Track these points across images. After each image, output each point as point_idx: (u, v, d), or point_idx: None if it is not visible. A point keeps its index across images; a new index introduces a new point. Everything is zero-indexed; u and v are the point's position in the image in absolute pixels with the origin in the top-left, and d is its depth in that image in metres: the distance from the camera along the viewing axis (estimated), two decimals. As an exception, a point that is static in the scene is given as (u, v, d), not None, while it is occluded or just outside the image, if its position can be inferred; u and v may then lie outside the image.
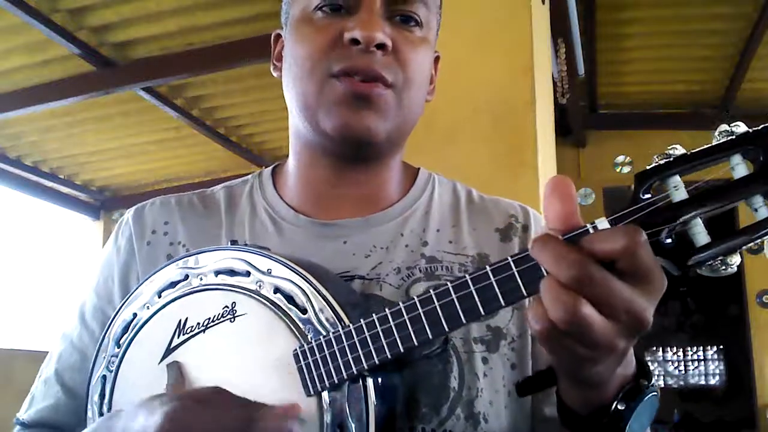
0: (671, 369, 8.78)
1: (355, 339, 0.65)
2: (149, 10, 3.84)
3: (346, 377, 0.66)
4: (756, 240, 0.54)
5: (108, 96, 4.58)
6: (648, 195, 0.56)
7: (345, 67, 0.79)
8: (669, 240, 0.56)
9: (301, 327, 0.69)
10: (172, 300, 0.78)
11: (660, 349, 8.80)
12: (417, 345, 0.63)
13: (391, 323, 0.64)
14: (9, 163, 5.64)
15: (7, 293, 6.24)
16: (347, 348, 0.65)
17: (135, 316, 0.80)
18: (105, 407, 0.79)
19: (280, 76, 0.91)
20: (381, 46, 0.79)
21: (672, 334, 8.70)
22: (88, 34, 3.99)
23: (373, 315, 0.65)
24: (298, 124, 0.88)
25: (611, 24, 4.44)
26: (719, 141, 0.55)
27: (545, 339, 0.56)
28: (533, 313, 0.55)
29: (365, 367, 0.65)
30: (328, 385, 0.66)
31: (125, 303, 0.82)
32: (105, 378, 0.80)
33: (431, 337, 0.62)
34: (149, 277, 0.81)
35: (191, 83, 4.74)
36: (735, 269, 0.55)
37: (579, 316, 0.52)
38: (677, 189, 0.55)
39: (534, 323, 0.55)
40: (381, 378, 0.67)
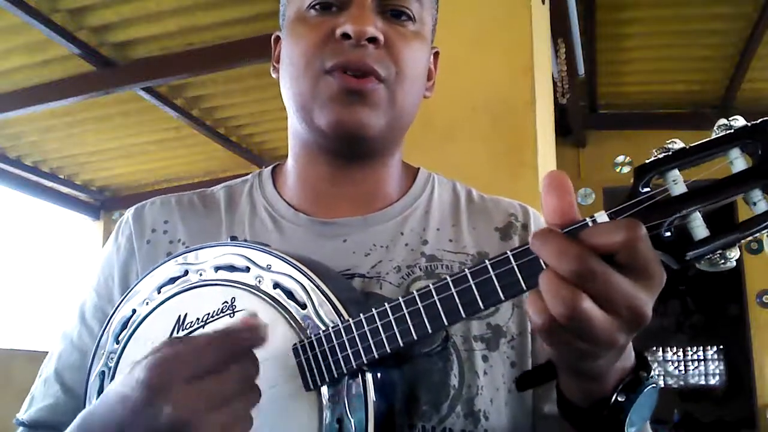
0: (671, 369, 8.77)
1: (355, 333, 0.65)
2: (149, 10, 3.84)
3: (345, 372, 0.66)
4: (755, 234, 0.54)
5: (108, 96, 4.59)
6: (647, 189, 0.56)
7: (337, 63, 0.79)
8: (668, 234, 0.56)
9: (301, 322, 0.69)
10: (171, 296, 0.78)
11: (660, 349, 8.79)
12: (416, 339, 0.63)
13: (391, 317, 0.64)
14: (9, 163, 5.65)
15: (7, 293, 6.25)
16: (347, 342, 0.65)
17: (134, 312, 0.80)
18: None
19: (277, 77, 0.91)
20: (372, 39, 0.79)
21: (672, 334, 8.70)
22: (88, 34, 3.99)
23: (373, 310, 0.65)
24: (295, 123, 0.89)
25: (611, 24, 4.44)
26: (718, 135, 0.55)
27: (546, 333, 0.56)
28: (533, 308, 0.55)
29: (365, 362, 0.65)
30: (327, 380, 0.66)
31: (124, 299, 0.81)
32: (104, 374, 0.79)
33: (431, 332, 0.62)
34: (149, 273, 0.81)
35: (191, 83, 4.74)
36: (734, 263, 0.55)
37: (579, 311, 0.52)
38: (676, 183, 0.55)
39: (534, 317, 0.55)
40: (380, 373, 0.67)
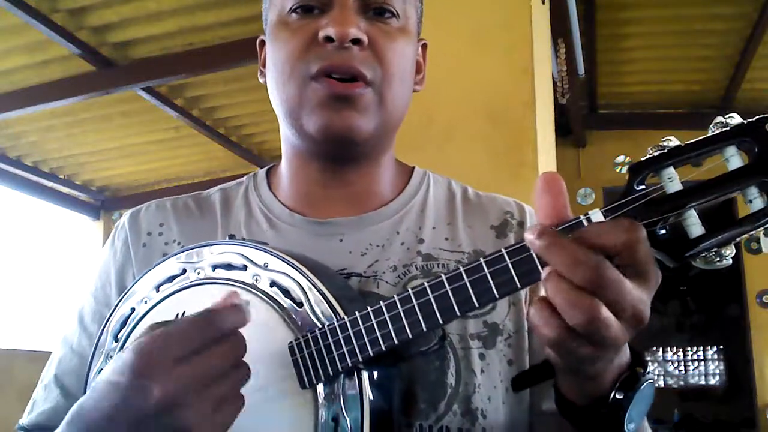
0: (671, 369, 8.77)
1: (350, 331, 0.65)
2: (149, 10, 3.84)
3: (340, 369, 0.66)
4: (751, 231, 0.54)
5: (108, 96, 4.59)
6: (642, 186, 0.56)
7: (322, 67, 0.79)
8: (663, 231, 0.56)
9: (297, 320, 0.69)
10: (169, 294, 0.78)
11: (660, 349, 8.78)
12: (412, 337, 0.63)
13: (386, 315, 0.64)
14: (9, 163, 5.65)
15: (7, 293, 6.25)
16: (342, 340, 0.66)
17: (133, 310, 0.80)
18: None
19: (264, 82, 0.90)
20: (356, 41, 0.78)
21: (672, 334, 8.69)
22: (88, 34, 3.99)
23: (368, 307, 0.65)
24: (285, 129, 0.89)
25: (611, 24, 4.44)
26: (714, 132, 0.55)
27: (556, 345, 0.55)
28: (543, 320, 0.54)
29: (360, 360, 0.65)
30: (323, 378, 0.66)
31: (123, 298, 0.82)
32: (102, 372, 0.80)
33: (426, 330, 0.62)
34: (148, 272, 0.81)
35: (191, 83, 4.75)
36: (730, 261, 0.55)
37: (599, 319, 0.52)
38: (671, 180, 0.55)
39: (547, 331, 0.54)
40: (376, 372, 0.67)
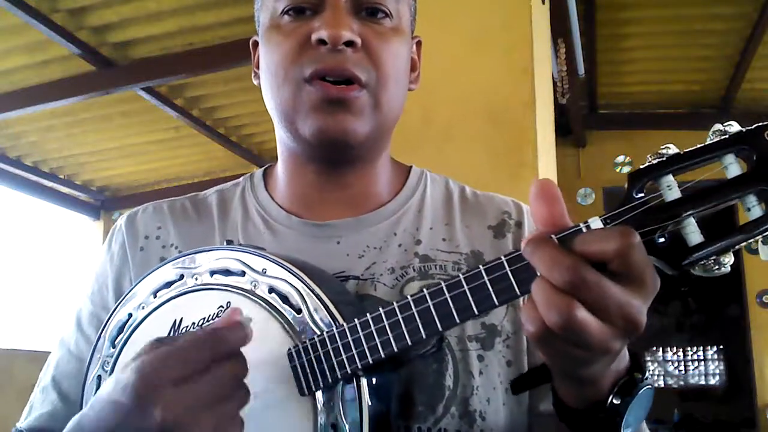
0: (671, 369, 8.77)
1: (349, 338, 0.65)
2: (149, 10, 3.84)
3: (339, 377, 0.65)
4: (749, 239, 0.53)
5: (108, 96, 4.59)
6: (641, 194, 0.56)
7: (316, 70, 0.78)
8: (662, 239, 0.56)
9: (296, 327, 0.69)
10: (167, 300, 0.78)
11: (660, 349, 8.79)
12: (411, 344, 0.63)
13: (385, 323, 0.64)
14: (9, 163, 5.65)
15: (8, 293, 6.25)
16: (341, 347, 0.65)
17: (130, 316, 0.80)
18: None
19: (259, 84, 0.90)
20: (350, 43, 0.78)
21: (672, 334, 8.69)
22: (88, 34, 3.99)
23: (367, 314, 0.65)
24: (280, 131, 0.88)
25: (611, 24, 4.44)
26: (712, 140, 0.55)
27: (540, 342, 0.56)
28: (527, 317, 0.55)
29: (359, 367, 0.65)
30: (321, 385, 0.66)
31: (120, 303, 0.81)
32: (100, 378, 0.79)
33: (425, 337, 0.62)
34: (145, 277, 0.81)
35: (191, 83, 4.75)
36: (728, 269, 0.55)
37: (573, 320, 0.52)
38: (670, 188, 0.55)
39: (528, 327, 0.55)
40: (375, 378, 0.67)
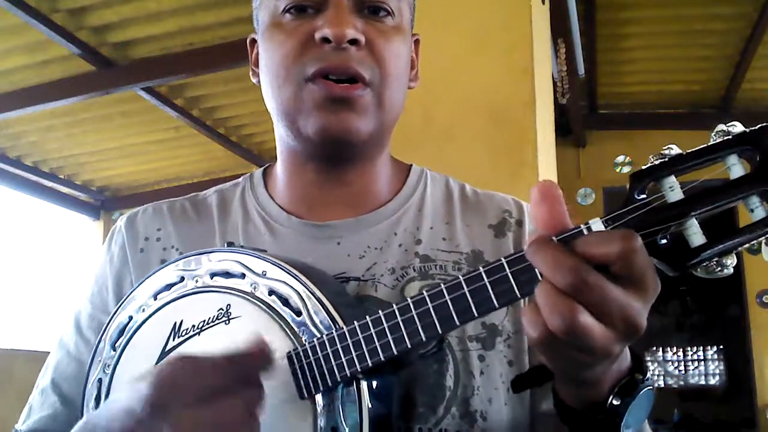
0: (671, 369, 8.77)
1: (349, 341, 0.65)
2: (149, 10, 3.84)
3: (339, 380, 0.65)
4: (752, 241, 0.53)
5: (108, 96, 4.59)
6: (643, 195, 0.55)
7: (319, 69, 0.78)
8: (664, 241, 0.55)
9: (296, 329, 0.69)
10: (167, 302, 0.77)
11: (660, 349, 8.79)
12: (410, 347, 0.62)
13: (385, 325, 0.63)
14: (9, 163, 5.65)
15: (8, 293, 6.25)
16: (341, 350, 0.65)
17: (131, 319, 0.79)
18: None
19: (259, 82, 0.90)
20: (353, 41, 0.78)
21: (672, 334, 8.70)
22: (88, 34, 3.99)
23: (367, 317, 0.64)
24: (280, 130, 0.88)
25: (611, 24, 4.44)
26: (715, 141, 0.54)
27: (542, 346, 0.55)
28: (529, 321, 0.54)
29: (359, 370, 0.64)
30: (321, 388, 0.66)
31: (121, 306, 0.81)
32: (101, 381, 0.79)
33: (424, 339, 0.62)
34: (146, 279, 0.80)
35: (191, 83, 4.75)
36: (731, 270, 0.55)
37: (577, 324, 0.52)
38: (672, 189, 0.54)
39: (531, 332, 0.55)
40: (375, 380, 0.66)
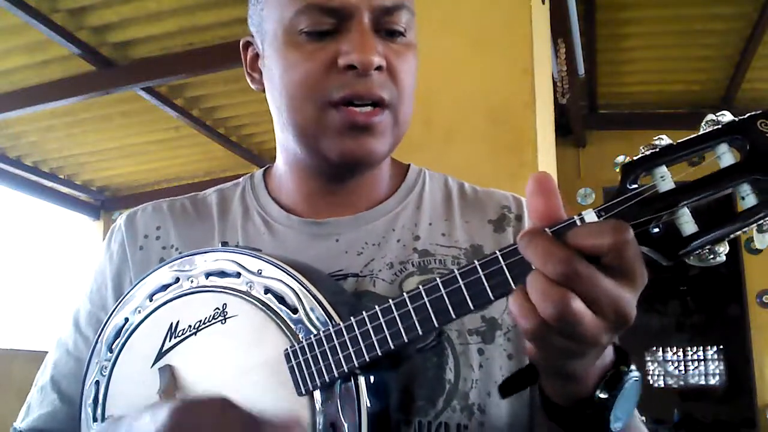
0: (671, 369, 8.77)
1: (346, 337, 0.65)
2: (149, 10, 3.84)
3: (337, 376, 0.65)
4: (744, 228, 0.54)
5: (108, 96, 4.59)
6: (635, 186, 0.56)
7: (346, 95, 0.77)
8: (656, 230, 0.56)
9: (292, 327, 0.69)
10: (163, 303, 0.78)
11: (660, 349, 8.79)
12: (407, 341, 0.63)
13: (381, 320, 0.63)
14: (9, 163, 5.65)
15: (7, 293, 6.25)
16: (338, 346, 0.65)
17: (127, 320, 0.80)
18: (99, 412, 0.79)
19: (259, 89, 0.89)
20: (378, 68, 0.78)
21: (672, 334, 8.69)
22: (88, 34, 3.99)
23: (363, 313, 0.65)
24: (290, 145, 0.86)
25: (611, 24, 4.44)
26: (705, 130, 0.55)
27: (534, 336, 0.56)
28: (520, 310, 0.55)
29: (356, 365, 0.65)
30: (319, 384, 0.66)
31: (117, 307, 0.82)
32: (98, 383, 0.80)
33: (421, 333, 0.62)
34: (141, 281, 0.81)
35: (191, 83, 4.75)
36: (723, 258, 0.55)
37: (569, 311, 0.52)
38: (664, 179, 0.55)
39: (522, 321, 0.55)
40: (373, 376, 0.66)
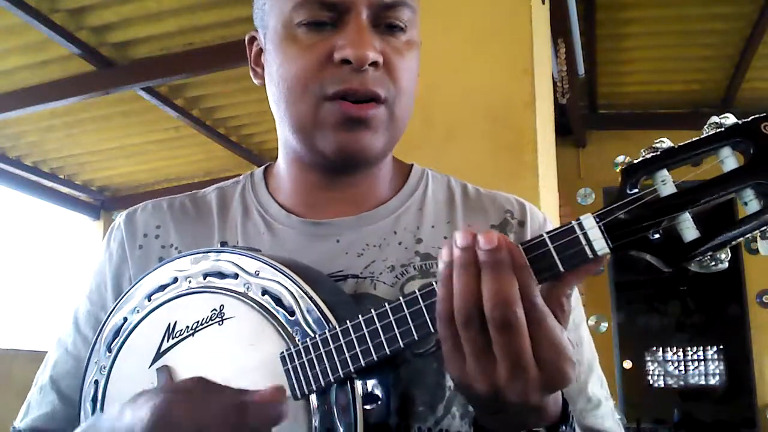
0: (671, 369, 8.77)
1: (342, 342, 0.64)
2: (149, 10, 3.83)
3: (333, 380, 0.65)
4: (747, 234, 0.52)
5: (108, 96, 4.58)
6: (635, 190, 0.55)
7: (340, 90, 0.77)
8: (657, 236, 0.55)
9: (289, 329, 0.68)
10: (161, 303, 0.77)
11: (660, 349, 8.78)
12: (403, 346, 0.62)
13: (377, 325, 0.63)
14: (9, 163, 5.64)
15: (8, 293, 6.25)
16: (334, 351, 0.65)
17: (125, 320, 0.80)
18: (98, 411, 0.79)
19: (261, 83, 0.89)
20: (373, 63, 0.77)
21: (672, 334, 8.69)
22: (88, 34, 3.98)
23: (359, 317, 0.64)
24: (289, 139, 0.87)
25: (611, 24, 4.43)
26: (708, 133, 0.53)
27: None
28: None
29: (352, 370, 0.64)
30: (315, 389, 0.66)
31: (116, 307, 0.81)
32: (97, 383, 0.79)
33: (417, 339, 0.62)
34: (140, 280, 0.80)
35: (191, 83, 4.73)
36: (726, 265, 0.54)
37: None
38: (665, 183, 0.54)
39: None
40: (369, 380, 0.66)
